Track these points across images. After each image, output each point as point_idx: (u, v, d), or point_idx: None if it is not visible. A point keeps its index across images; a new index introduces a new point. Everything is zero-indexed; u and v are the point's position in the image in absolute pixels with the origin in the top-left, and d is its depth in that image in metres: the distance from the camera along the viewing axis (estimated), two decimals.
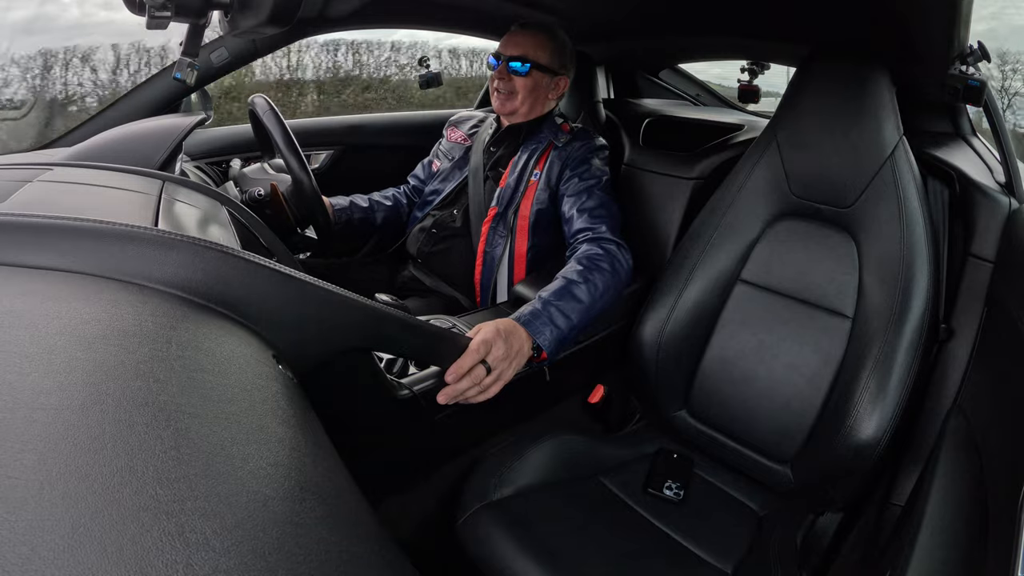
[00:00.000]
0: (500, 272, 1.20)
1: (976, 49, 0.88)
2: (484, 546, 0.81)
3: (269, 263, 0.48)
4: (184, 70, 0.89)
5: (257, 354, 0.43)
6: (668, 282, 1.07)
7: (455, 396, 0.74)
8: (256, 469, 0.30)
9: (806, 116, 0.98)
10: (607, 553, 0.83)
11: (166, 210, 0.59)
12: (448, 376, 0.71)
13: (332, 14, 1.23)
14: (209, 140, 1.37)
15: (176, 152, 0.88)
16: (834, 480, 0.88)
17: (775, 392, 0.97)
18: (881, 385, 0.84)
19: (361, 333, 0.56)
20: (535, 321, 0.86)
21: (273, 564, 0.25)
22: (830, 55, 0.97)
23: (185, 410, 0.30)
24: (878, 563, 0.79)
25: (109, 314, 0.36)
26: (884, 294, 0.88)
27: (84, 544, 0.21)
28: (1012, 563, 0.46)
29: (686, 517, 0.93)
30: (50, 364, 0.29)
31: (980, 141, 1.13)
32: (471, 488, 0.88)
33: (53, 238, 0.41)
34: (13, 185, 0.57)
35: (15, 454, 0.23)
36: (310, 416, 0.43)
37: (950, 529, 0.62)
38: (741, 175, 1.06)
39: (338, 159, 1.59)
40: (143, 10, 0.65)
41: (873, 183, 0.92)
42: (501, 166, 1.23)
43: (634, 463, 1.03)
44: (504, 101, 1.20)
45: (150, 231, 0.43)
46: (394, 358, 0.82)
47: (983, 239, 0.92)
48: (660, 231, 1.27)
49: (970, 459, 0.71)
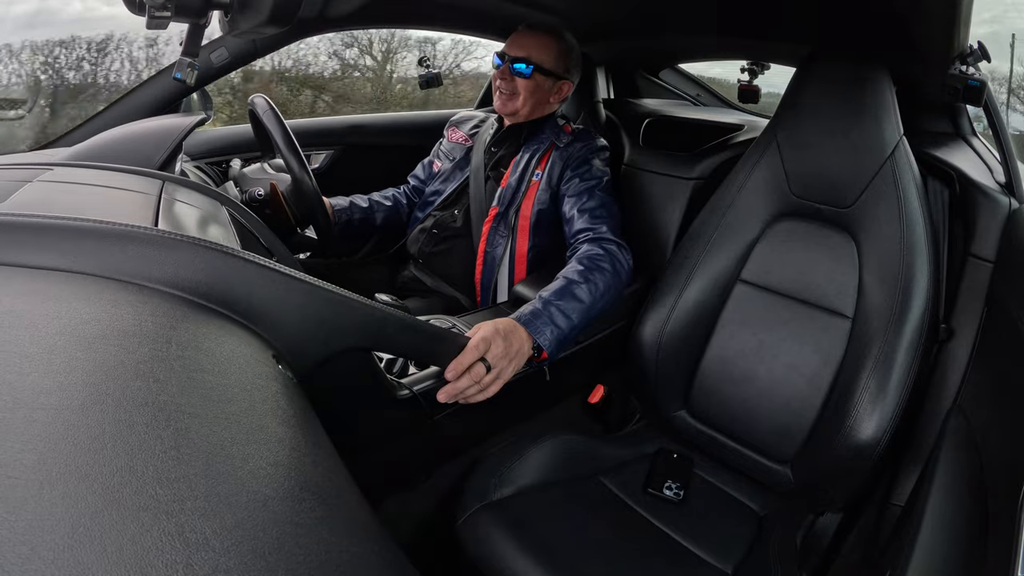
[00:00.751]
0: (501, 272, 1.20)
1: (976, 49, 0.88)
2: (484, 546, 0.81)
3: (269, 263, 0.48)
4: (184, 70, 0.89)
5: (257, 354, 0.43)
6: (668, 282, 1.07)
7: (455, 394, 0.74)
8: (256, 469, 0.30)
9: (806, 116, 0.98)
10: (607, 553, 0.83)
11: (166, 210, 0.59)
12: (448, 373, 0.72)
13: (332, 14, 1.23)
14: (209, 140, 1.37)
15: (176, 152, 0.88)
16: (834, 480, 0.88)
17: (775, 392, 0.97)
18: (881, 385, 0.84)
19: (361, 333, 0.57)
20: (535, 321, 0.87)
21: (273, 564, 0.25)
22: (830, 55, 0.97)
23: (185, 410, 0.30)
24: (878, 563, 0.79)
25: (109, 314, 0.36)
26: (884, 294, 0.88)
27: (84, 544, 0.21)
28: (1012, 563, 0.46)
29: (686, 517, 0.93)
30: (50, 364, 0.29)
31: (980, 141, 1.13)
32: (471, 488, 0.88)
33: (53, 238, 0.41)
34: (13, 185, 0.57)
35: (15, 454, 0.23)
36: (310, 416, 0.43)
37: (950, 529, 0.62)
38: (741, 175, 1.06)
39: (338, 159, 1.59)
40: (143, 10, 0.65)
41: (873, 183, 0.92)
42: (502, 166, 1.23)
43: (634, 463, 1.03)
44: (505, 101, 1.20)
45: (150, 231, 0.43)
46: (394, 358, 0.82)
47: (983, 239, 0.92)
48: (660, 231, 1.27)
49: (970, 459, 0.71)
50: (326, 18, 1.24)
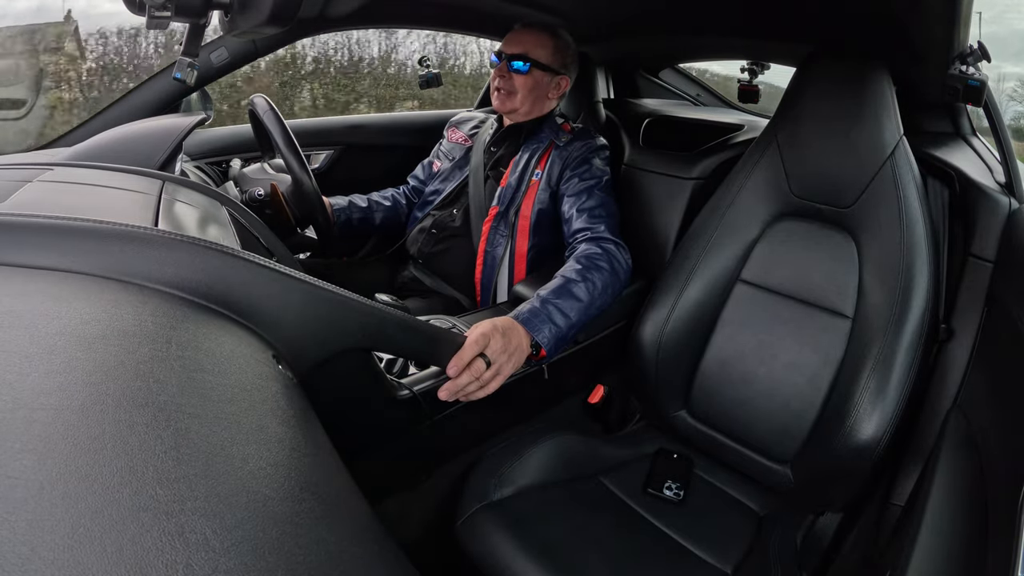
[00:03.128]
0: (501, 272, 1.20)
1: (976, 49, 0.88)
2: (484, 546, 0.81)
3: (269, 263, 0.48)
4: (184, 70, 0.89)
5: (257, 354, 0.43)
6: (668, 282, 1.07)
7: (456, 391, 0.75)
8: (256, 469, 0.30)
9: (806, 116, 0.98)
10: (607, 553, 0.83)
11: (166, 210, 0.59)
12: (450, 369, 0.73)
13: (332, 14, 1.23)
14: (209, 140, 1.37)
15: (176, 152, 0.88)
16: (834, 480, 0.88)
17: (775, 392, 0.97)
18: (881, 385, 0.84)
19: (361, 333, 0.57)
20: (534, 319, 0.87)
21: (273, 564, 0.25)
22: (830, 55, 0.97)
23: (185, 410, 0.30)
24: (878, 563, 0.79)
25: (109, 314, 0.36)
26: (884, 294, 0.88)
27: (84, 544, 0.21)
28: (1012, 563, 0.46)
29: (686, 517, 0.93)
30: (50, 364, 0.29)
31: (980, 141, 1.13)
32: (471, 488, 0.88)
33: (53, 238, 0.41)
34: (13, 185, 0.57)
35: (15, 454, 0.23)
36: (310, 416, 0.43)
37: (950, 529, 0.62)
38: (741, 175, 1.06)
39: (338, 159, 1.59)
40: (143, 10, 0.65)
41: (873, 183, 0.92)
42: (502, 165, 1.23)
43: (634, 463, 1.03)
44: (504, 99, 1.20)
45: (150, 231, 0.43)
46: (394, 358, 0.82)
47: (983, 239, 0.92)
48: (660, 231, 1.27)
49: (970, 459, 0.71)
50: (326, 18, 1.24)
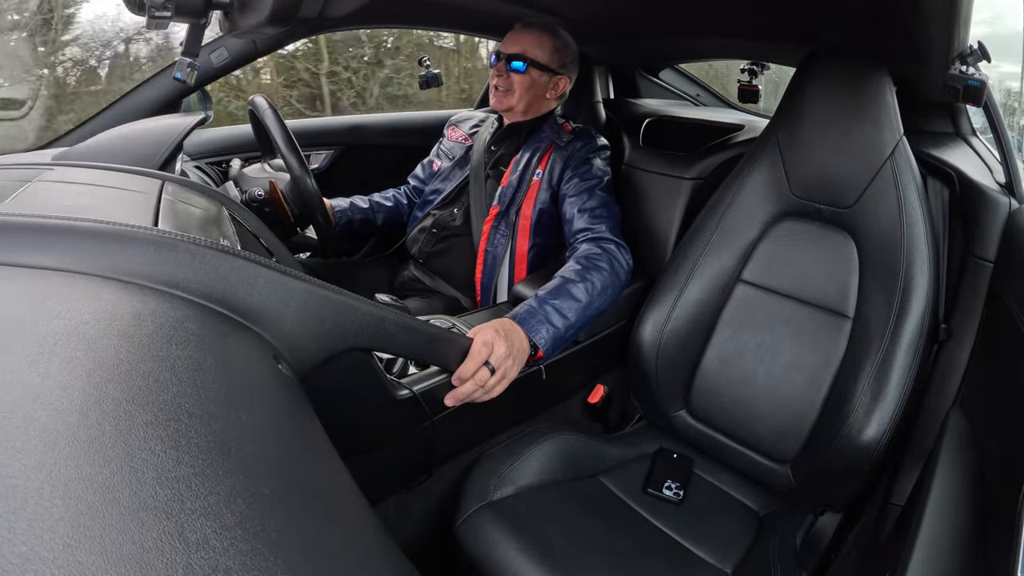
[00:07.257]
0: (501, 272, 1.20)
1: (976, 49, 0.88)
2: (484, 546, 0.81)
3: (269, 263, 0.48)
4: (184, 70, 0.89)
5: (257, 354, 0.43)
6: (668, 282, 1.07)
7: (462, 399, 0.76)
8: (256, 469, 0.30)
9: (806, 116, 0.98)
10: (607, 553, 0.83)
11: (166, 210, 0.59)
12: (455, 381, 0.75)
13: (332, 14, 1.23)
14: (209, 140, 1.37)
15: (176, 152, 0.88)
16: (834, 480, 0.88)
17: (775, 392, 0.97)
18: (881, 385, 0.84)
19: (361, 333, 0.56)
20: (531, 320, 0.87)
21: (273, 564, 0.25)
22: (830, 55, 0.97)
23: (185, 410, 0.30)
24: (878, 563, 0.79)
25: (109, 314, 0.36)
26: (884, 294, 0.88)
27: (84, 544, 0.20)
28: (1012, 563, 0.46)
29: (686, 517, 0.93)
30: (50, 364, 0.29)
31: (980, 141, 1.13)
32: (471, 488, 0.88)
33: (53, 238, 0.41)
34: (13, 185, 0.56)
35: (15, 454, 0.23)
36: (310, 416, 0.43)
37: (950, 529, 0.62)
38: (741, 175, 1.06)
39: (338, 159, 1.59)
40: (143, 10, 0.65)
41: (873, 183, 0.92)
42: (502, 165, 1.23)
43: (634, 463, 1.03)
44: (501, 98, 1.20)
45: (150, 231, 0.43)
46: (394, 358, 0.82)
47: (983, 239, 0.92)
48: (660, 231, 1.27)
49: (970, 459, 0.71)
50: (326, 18, 1.24)
